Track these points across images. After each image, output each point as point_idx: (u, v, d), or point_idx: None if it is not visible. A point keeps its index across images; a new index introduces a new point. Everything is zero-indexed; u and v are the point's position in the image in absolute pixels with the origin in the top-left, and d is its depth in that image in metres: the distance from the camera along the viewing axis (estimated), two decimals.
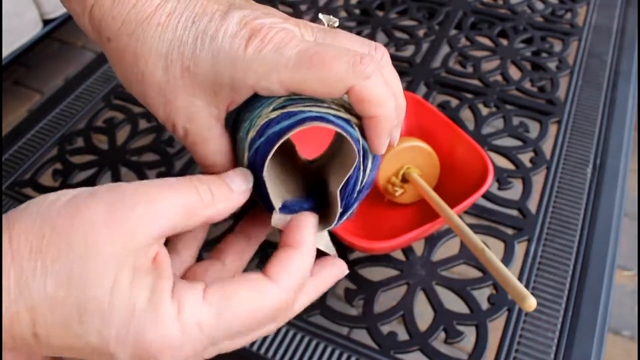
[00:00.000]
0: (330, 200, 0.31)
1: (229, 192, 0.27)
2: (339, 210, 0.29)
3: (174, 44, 0.27)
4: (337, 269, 0.30)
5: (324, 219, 0.31)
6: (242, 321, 0.25)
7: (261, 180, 0.28)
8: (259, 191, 0.29)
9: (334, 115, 0.28)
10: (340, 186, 0.29)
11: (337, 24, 0.31)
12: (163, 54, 0.27)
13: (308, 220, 0.28)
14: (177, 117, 0.29)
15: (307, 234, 0.28)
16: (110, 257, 0.23)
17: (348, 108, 0.29)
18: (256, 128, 0.28)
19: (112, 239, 0.23)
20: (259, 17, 0.27)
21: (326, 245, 0.30)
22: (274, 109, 0.28)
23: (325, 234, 0.31)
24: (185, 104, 0.28)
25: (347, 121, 0.28)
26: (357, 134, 0.28)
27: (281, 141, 0.27)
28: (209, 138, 0.30)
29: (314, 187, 0.33)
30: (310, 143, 0.42)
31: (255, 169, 0.29)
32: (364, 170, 0.29)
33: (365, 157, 0.29)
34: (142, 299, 0.23)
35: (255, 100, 0.30)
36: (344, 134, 0.28)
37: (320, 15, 0.30)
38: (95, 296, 0.23)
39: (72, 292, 0.22)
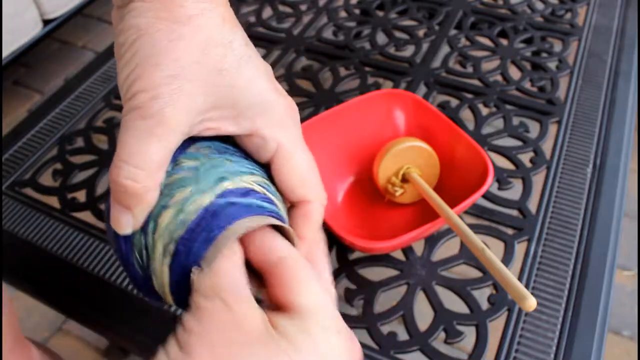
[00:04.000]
0: None
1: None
2: None
3: (229, 45, 0.27)
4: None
5: None
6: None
7: None
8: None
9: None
10: None
11: None
12: (225, 42, 0.27)
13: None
14: (180, 92, 0.26)
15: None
16: None
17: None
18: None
19: None
20: None
21: None
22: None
23: None
24: (200, 86, 0.26)
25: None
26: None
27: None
28: (175, 128, 0.26)
29: None
30: None
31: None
32: None
33: None
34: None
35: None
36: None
37: None
38: None
39: None
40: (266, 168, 0.30)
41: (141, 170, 0.25)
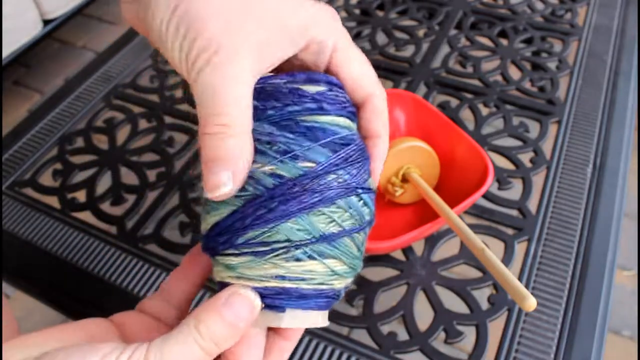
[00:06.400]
0: None
1: (232, 329, 0.25)
2: None
3: None
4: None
5: None
6: None
7: None
8: None
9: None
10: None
11: None
12: None
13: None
14: (230, 41, 0.26)
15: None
16: None
17: None
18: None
19: None
20: None
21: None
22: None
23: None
24: (253, 21, 0.26)
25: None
26: None
27: None
28: (247, 68, 0.26)
29: None
30: None
31: None
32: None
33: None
34: None
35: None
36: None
37: None
38: None
39: None
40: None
41: (231, 115, 0.25)
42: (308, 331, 0.44)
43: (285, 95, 0.26)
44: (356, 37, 0.73)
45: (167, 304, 0.30)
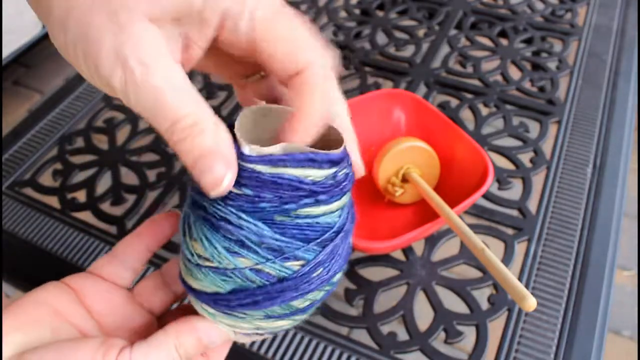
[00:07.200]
0: None
1: (205, 349, 0.28)
2: None
3: None
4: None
5: None
6: None
7: None
8: None
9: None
10: None
11: None
12: None
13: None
14: (132, 49, 0.22)
15: None
16: None
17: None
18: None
19: None
20: None
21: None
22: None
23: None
24: (142, 31, 0.22)
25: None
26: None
27: None
28: (174, 78, 0.22)
29: None
30: None
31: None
32: None
33: None
34: None
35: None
36: None
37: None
38: None
39: None
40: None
41: (189, 111, 0.22)
42: (308, 331, 0.44)
43: (281, 188, 0.24)
44: (356, 37, 0.73)
45: (121, 266, 0.31)
